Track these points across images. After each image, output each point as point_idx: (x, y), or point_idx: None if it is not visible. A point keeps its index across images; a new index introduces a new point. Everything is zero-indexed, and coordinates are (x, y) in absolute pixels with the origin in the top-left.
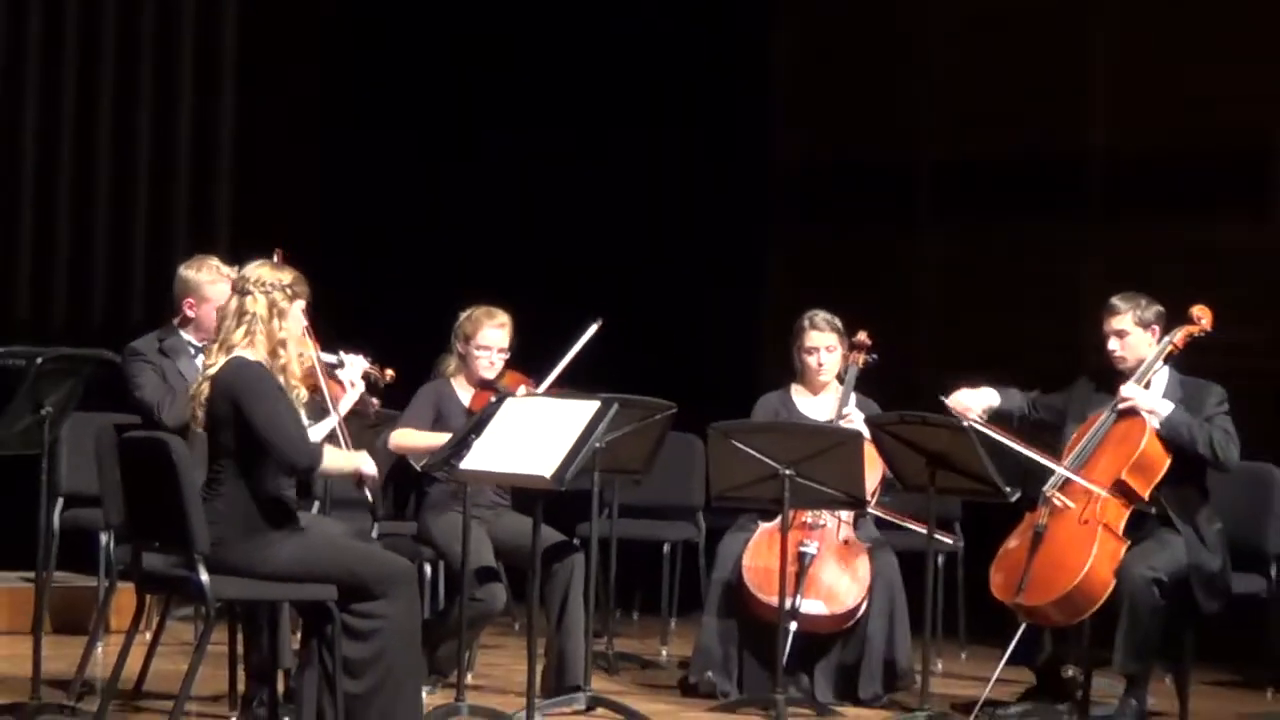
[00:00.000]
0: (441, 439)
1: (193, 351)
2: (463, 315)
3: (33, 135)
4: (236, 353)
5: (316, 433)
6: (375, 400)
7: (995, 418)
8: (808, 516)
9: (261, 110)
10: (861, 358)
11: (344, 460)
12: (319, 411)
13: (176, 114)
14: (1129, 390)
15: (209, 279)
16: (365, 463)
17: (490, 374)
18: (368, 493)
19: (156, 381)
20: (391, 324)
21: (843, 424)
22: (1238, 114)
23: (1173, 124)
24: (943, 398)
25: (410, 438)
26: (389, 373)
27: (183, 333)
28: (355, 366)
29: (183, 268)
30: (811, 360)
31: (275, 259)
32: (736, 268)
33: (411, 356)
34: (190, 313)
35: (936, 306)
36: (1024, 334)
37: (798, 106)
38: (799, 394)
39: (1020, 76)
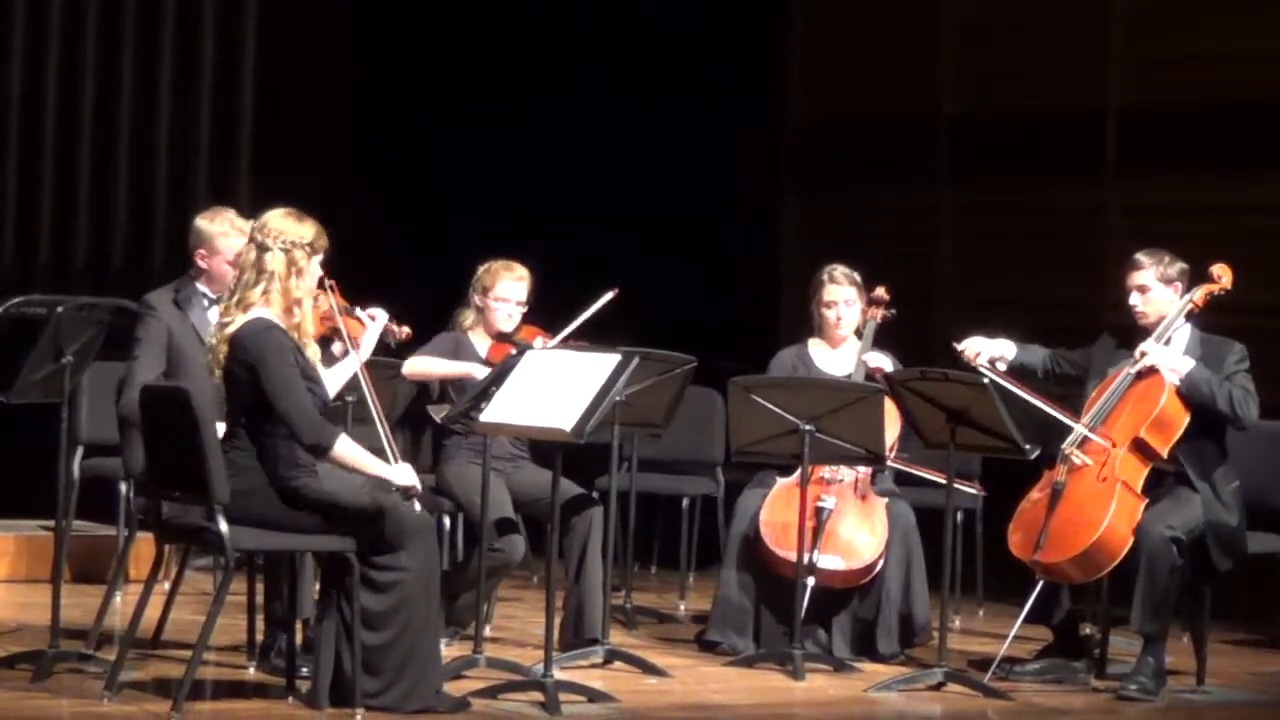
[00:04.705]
0: (456, 367)
1: (206, 304)
2: (481, 268)
3: (54, 80)
4: (254, 311)
5: (336, 375)
6: (397, 329)
7: (1018, 372)
8: (825, 471)
9: (283, 54)
10: (880, 313)
11: (378, 467)
12: (337, 358)
13: (199, 58)
14: (1148, 348)
15: (221, 230)
16: (404, 475)
17: (508, 326)
18: (416, 503)
19: (153, 351)
20: (411, 279)
21: (865, 358)
22: (1258, 71)
23: (1193, 80)
24: (954, 343)
25: (426, 364)
26: (405, 330)
27: (198, 284)
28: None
29: (198, 218)
30: (830, 314)
31: (329, 287)
32: (755, 223)
33: (424, 315)
34: (202, 264)
35: (955, 262)
36: (1043, 291)
37: (814, 62)
38: (817, 348)
39: (1038, 31)
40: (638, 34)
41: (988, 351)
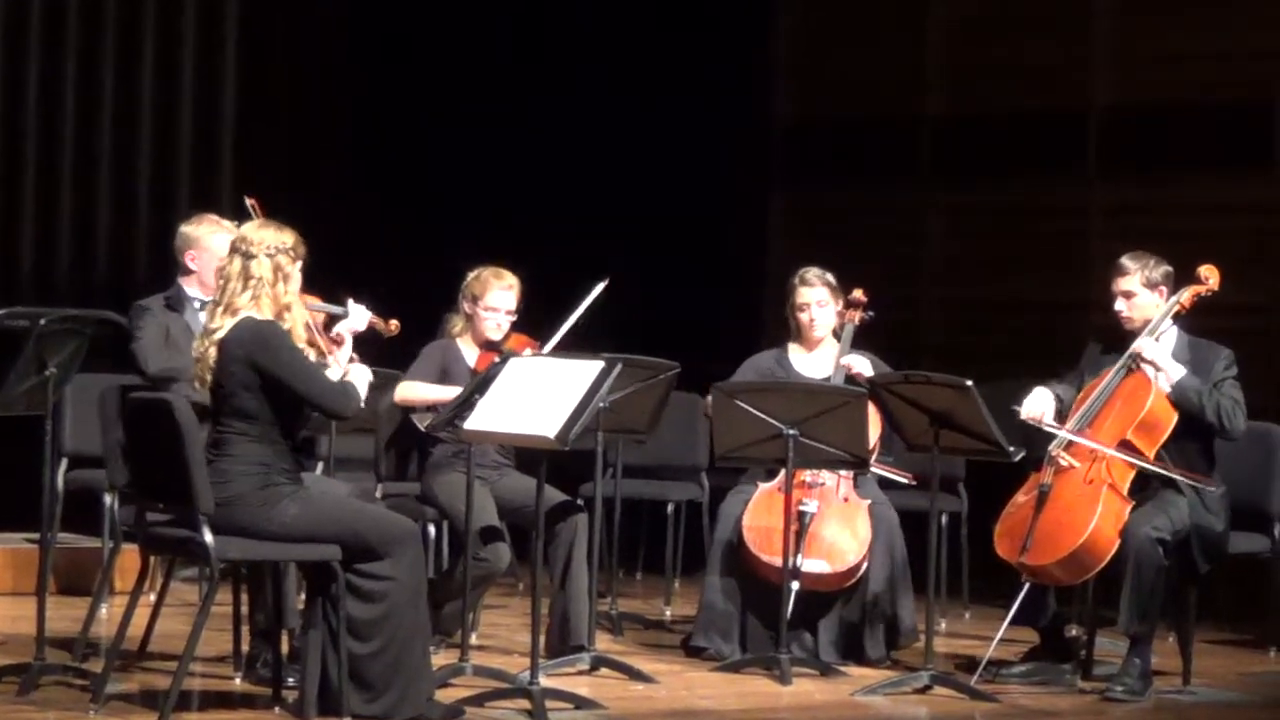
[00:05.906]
0: (446, 392)
1: (197, 305)
2: (470, 275)
3: (36, 91)
4: (243, 315)
5: None
6: (384, 324)
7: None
8: (806, 475)
9: (265, 68)
10: (857, 315)
11: (359, 374)
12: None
13: (180, 70)
14: (1143, 344)
15: (208, 230)
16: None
17: (497, 335)
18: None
19: (156, 333)
20: (399, 282)
21: (845, 361)
22: (1243, 71)
23: (1178, 80)
24: (1015, 408)
25: (415, 390)
26: (394, 324)
27: (186, 287)
28: (359, 316)
29: (183, 225)
30: (804, 316)
31: (251, 207)
32: (739, 227)
33: (419, 315)
34: (192, 265)
35: (942, 263)
36: (1030, 291)
37: (799, 63)
38: (795, 352)
39: (1024, 31)
40: (622, 36)
41: (1049, 410)
